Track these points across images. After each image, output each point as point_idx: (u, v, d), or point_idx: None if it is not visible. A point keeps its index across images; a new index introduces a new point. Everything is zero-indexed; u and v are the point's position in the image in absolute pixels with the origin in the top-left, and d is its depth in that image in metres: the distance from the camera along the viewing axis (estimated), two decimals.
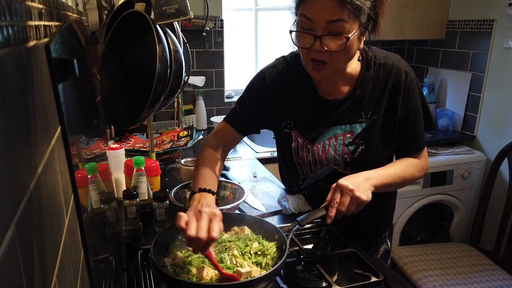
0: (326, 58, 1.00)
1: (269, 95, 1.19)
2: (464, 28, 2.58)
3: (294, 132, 1.19)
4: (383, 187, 1.07)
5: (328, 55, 0.99)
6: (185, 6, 1.04)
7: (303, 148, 1.18)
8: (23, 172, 0.39)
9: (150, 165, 1.30)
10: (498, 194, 2.36)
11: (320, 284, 0.93)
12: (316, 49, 0.98)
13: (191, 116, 2.46)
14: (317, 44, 0.97)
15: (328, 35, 0.96)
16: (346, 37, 0.96)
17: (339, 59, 1.01)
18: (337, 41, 0.97)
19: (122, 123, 1.18)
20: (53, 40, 0.45)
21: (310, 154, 1.18)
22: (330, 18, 0.94)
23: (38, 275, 0.41)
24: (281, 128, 1.22)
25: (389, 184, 1.08)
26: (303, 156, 1.19)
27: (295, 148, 1.19)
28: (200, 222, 0.85)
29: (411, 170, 1.15)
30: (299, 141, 1.18)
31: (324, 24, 0.95)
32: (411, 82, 1.11)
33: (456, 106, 2.68)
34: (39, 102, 0.49)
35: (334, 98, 1.14)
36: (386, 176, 1.08)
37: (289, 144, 1.20)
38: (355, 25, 0.96)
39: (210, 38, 2.46)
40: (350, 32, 0.96)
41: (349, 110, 1.14)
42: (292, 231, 0.99)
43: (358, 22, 0.97)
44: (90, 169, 0.82)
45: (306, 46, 1.00)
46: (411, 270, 2.01)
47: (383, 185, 1.06)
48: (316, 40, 0.97)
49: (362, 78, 1.13)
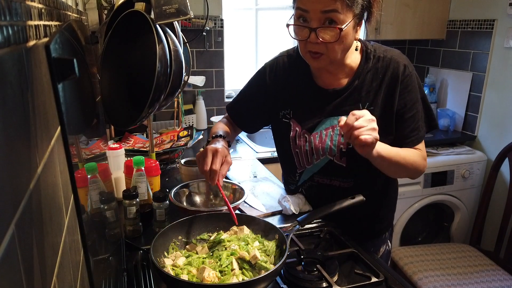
0: (322, 49, 1.04)
1: (268, 87, 1.25)
2: (465, 28, 2.58)
3: (293, 122, 1.22)
4: (385, 159, 1.05)
5: (324, 46, 1.03)
6: (185, 5, 1.03)
7: (301, 137, 1.21)
8: (23, 172, 0.39)
9: (150, 165, 1.30)
10: (499, 194, 2.36)
11: (320, 285, 0.93)
12: (312, 41, 1.03)
13: (191, 116, 2.46)
14: (312, 36, 1.02)
15: (323, 27, 1.00)
16: (339, 28, 1.00)
17: (335, 50, 1.04)
18: (331, 32, 1.01)
19: (122, 123, 1.18)
20: (53, 40, 0.45)
21: (307, 144, 1.20)
22: (324, 9, 0.98)
23: (38, 275, 0.40)
24: (279, 118, 1.25)
25: (391, 158, 1.06)
26: (300, 145, 1.21)
27: (293, 137, 1.22)
28: (215, 158, 1.04)
29: (413, 155, 1.13)
30: (297, 130, 1.21)
31: (319, 14, 0.99)
32: (409, 75, 1.12)
33: (457, 106, 2.68)
34: (39, 102, 0.48)
35: (333, 88, 1.16)
36: (389, 149, 1.07)
37: (287, 134, 1.23)
38: (349, 15, 1.00)
39: (210, 38, 2.46)
40: (344, 23, 1.00)
41: (346, 101, 1.15)
42: (293, 232, 0.99)
43: (351, 13, 1.00)
44: (90, 169, 0.82)
45: (302, 39, 1.04)
46: (412, 270, 2.01)
47: (386, 156, 1.04)
48: (312, 32, 1.01)
49: (361, 69, 1.14)
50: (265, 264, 0.90)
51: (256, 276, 0.86)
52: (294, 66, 1.22)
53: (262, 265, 0.89)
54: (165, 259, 0.94)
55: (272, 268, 0.87)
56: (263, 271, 0.88)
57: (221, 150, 1.06)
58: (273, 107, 1.26)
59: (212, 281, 0.85)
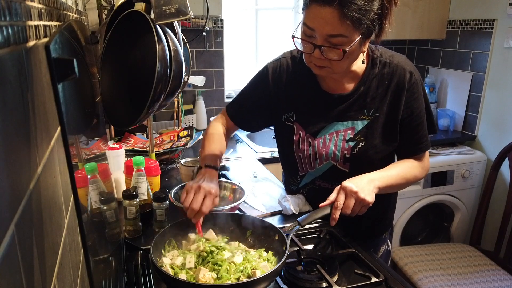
0: (326, 63, 1.03)
1: (271, 89, 1.23)
2: (465, 28, 2.58)
3: (296, 125, 1.21)
4: (387, 189, 1.08)
5: (327, 61, 1.02)
6: (185, 5, 1.03)
7: (304, 141, 1.20)
8: (22, 172, 0.39)
9: (150, 165, 1.30)
10: (499, 194, 2.36)
11: (320, 285, 0.93)
12: (316, 56, 1.01)
13: (191, 116, 2.46)
14: (316, 52, 1.01)
15: (328, 47, 0.99)
16: (343, 50, 0.98)
17: (340, 66, 1.03)
18: (336, 50, 0.99)
19: (122, 123, 1.18)
20: (53, 40, 0.45)
21: (310, 148, 1.19)
22: (330, 33, 0.96)
23: (38, 275, 0.40)
24: (282, 121, 1.23)
25: (392, 185, 1.09)
26: (303, 149, 1.20)
27: (296, 141, 1.21)
28: (196, 195, 1.01)
29: (413, 171, 1.16)
30: (301, 134, 1.20)
31: (324, 36, 0.97)
32: (415, 82, 1.12)
33: (457, 106, 2.68)
34: (39, 102, 0.48)
35: (338, 94, 1.15)
36: (389, 178, 1.08)
37: (290, 137, 1.21)
38: (355, 36, 0.97)
39: (210, 38, 2.46)
40: (349, 45, 0.98)
41: (352, 107, 1.15)
42: (293, 232, 0.99)
43: (358, 33, 0.98)
44: (90, 169, 0.82)
45: (307, 52, 1.03)
46: (412, 270, 2.01)
47: (387, 186, 1.07)
48: (316, 49, 1.00)
49: (367, 75, 1.13)
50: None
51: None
52: (298, 68, 1.20)
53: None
54: (164, 258, 0.94)
55: (272, 268, 0.87)
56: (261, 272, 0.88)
57: (214, 192, 1.04)
58: (275, 110, 1.24)
59: (207, 282, 0.86)
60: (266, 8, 2.79)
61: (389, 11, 1.00)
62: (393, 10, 1.01)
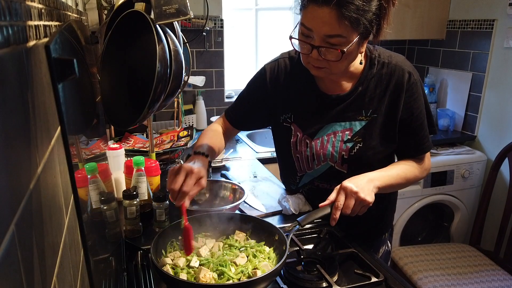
0: (324, 64, 1.02)
1: (269, 90, 1.22)
2: (465, 28, 2.58)
3: (294, 126, 1.20)
4: (386, 188, 1.08)
5: (325, 62, 1.01)
6: (185, 6, 1.03)
7: (302, 142, 1.19)
8: (22, 172, 0.39)
9: (150, 165, 1.30)
10: (499, 194, 2.36)
11: (320, 285, 0.93)
12: (313, 57, 1.01)
13: (191, 116, 2.46)
14: (314, 53, 1.00)
15: (325, 47, 0.98)
16: (341, 51, 0.97)
17: (337, 66, 1.03)
18: (334, 51, 0.98)
19: (122, 123, 1.18)
20: (53, 40, 0.45)
21: (308, 149, 1.19)
22: (328, 33, 0.96)
23: (38, 275, 0.40)
24: (280, 122, 1.23)
25: (392, 185, 1.09)
26: (301, 150, 1.20)
27: (293, 142, 1.20)
28: (177, 176, 0.95)
29: (414, 171, 1.15)
30: (298, 135, 1.20)
31: (322, 36, 0.97)
32: (414, 82, 1.11)
33: (457, 106, 2.68)
34: (39, 102, 0.48)
35: (336, 94, 1.15)
36: (389, 177, 1.08)
37: (288, 139, 1.21)
38: (353, 36, 0.97)
39: (210, 38, 2.46)
40: (347, 45, 0.97)
41: (350, 107, 1.14)
42: (293, 232, 0.99)
43: (356, 33, 0.97)
44: (90, 169, 0.82)
45: (304, 53, 1.03)
46: (412, 270, 2.01)
47: (386, 186, 1.06)
48: (314, 49, 0.99)
49: (365, 75, 1.13)
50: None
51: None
52: (296, 69, 1.20)
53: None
54: (165, 258, 0.94)
55: (272, 268, 0.87)
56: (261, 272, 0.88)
57: (196, 171, 0.97)
58: (273, 111, 1.24)
59: (208, 282, 0.86)
60: (266, 8, 2.79)
61: (387, 11, 0.99)
62: (391, 10, 1.00)
